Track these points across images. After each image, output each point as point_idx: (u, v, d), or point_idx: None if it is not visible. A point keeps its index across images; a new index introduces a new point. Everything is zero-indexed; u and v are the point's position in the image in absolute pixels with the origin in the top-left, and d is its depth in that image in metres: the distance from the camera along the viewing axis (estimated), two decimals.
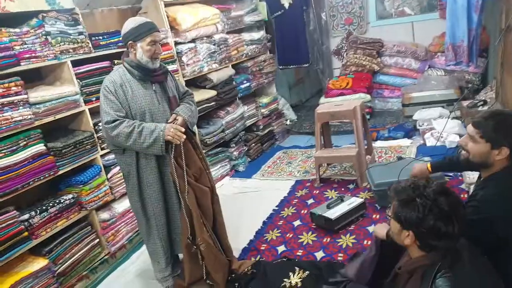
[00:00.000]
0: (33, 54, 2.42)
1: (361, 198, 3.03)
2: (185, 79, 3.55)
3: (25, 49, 2.38)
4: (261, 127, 4.54)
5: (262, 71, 4.56)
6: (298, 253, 2.65)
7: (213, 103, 3.84)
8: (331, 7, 5.19)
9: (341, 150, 3.70)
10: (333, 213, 2.79)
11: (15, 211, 2.34)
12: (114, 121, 2.06)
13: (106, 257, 2.88)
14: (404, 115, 4.71)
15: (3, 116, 2.26)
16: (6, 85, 2.28)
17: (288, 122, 5.13)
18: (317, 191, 3.43)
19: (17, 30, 2.38)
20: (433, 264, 1.29)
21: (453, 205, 1.31)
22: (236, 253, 2.74)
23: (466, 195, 2.82)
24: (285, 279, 2.37)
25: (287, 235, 2.87)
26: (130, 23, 2.12)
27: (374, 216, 2.89)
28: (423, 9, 4.97)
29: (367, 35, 5.20)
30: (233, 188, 3.84)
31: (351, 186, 3.40)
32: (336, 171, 3.77)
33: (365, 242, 2.61)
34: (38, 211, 2.46)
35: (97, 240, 2.82)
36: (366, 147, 3.60)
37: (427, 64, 4.87)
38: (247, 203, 3.49)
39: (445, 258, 1.29)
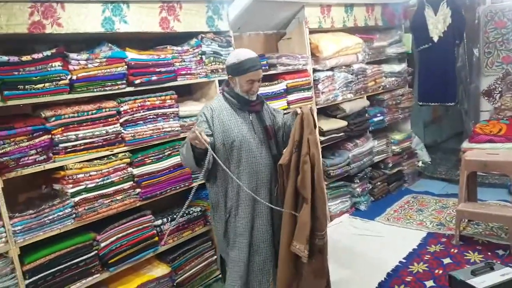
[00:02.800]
0: (189, 71, 2.59)
1: None
2: (318, 107, 3.47)
3: (182, 66, 2.56)
4: (390, 165, 4.19)
5: (398, 106, 4.25)
6: None
7: (342, 133, 3.68)
8: (487, 43, 4.60)
9: (493, 208, 3.15)
10: (481, 283, 2.33)
11: (151, 216, 2.48)
12: None
13: (220, 276, 2.87)
14: None
15: (156, 126, 2.45)
16: (163, 97, 2.47)
17: (420, 164, 4.66)
18: (456, 250, 2.96)
19: (179, 48, 2.57)
20: None
21: None
22: None
23: None
24: None
25: None
26: (233, 58, 2.10)
27: None
28: None
29: None
30: (353, 228, 3.56)
31: (500, 252, 2.85)
32: (480, 230, 3.22)
33: None
34: (169, 218, 2.57)
35: (215, 257, 2.84)
36: None
37: None
38: (367, 248, 3.18)
39: None
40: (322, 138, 3.52)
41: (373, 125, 4.01)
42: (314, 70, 3.45)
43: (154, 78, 2.41)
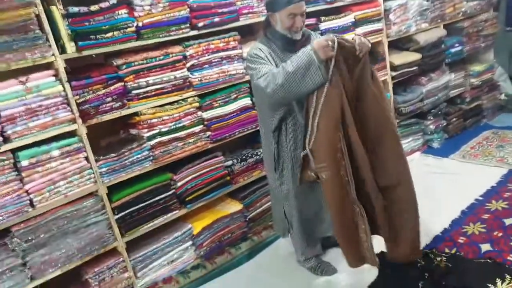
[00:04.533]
0: (251, 10, 2.52)
1: None
2: (389, 39, 3.23)
3: (244, 5, 2.49)
4: (468, 99, 3.88)
5: (480, 33, 3.81)
6: (509, 258, 2.19)
7: (415, 67, 3.44)
8: None
9: None
10: None
11: (222, 157, 2.59)
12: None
13: None
14: None
15: (221, 69, 2.46)
16: (226, 39, 2.45)
17: (503, 97, 4.25)
18: None
19: None
20: None
21: None
22: (427, 239, 2.46)
23: None
24: (489, 284, 2.01)
25: (495, 233, 2.41)
26: None
27: None
28: None
29: None
30: (425, 166, 3.44)
31: None
32: None
33: None
34: (239, 159, 2.66)
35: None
36: None
37: None
38: (441, 186, 3.07)
39: None
40: (394, 74, 3.32)
41: (450, 56, 3.68)
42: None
43: (216, 19, 2.37)
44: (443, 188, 3.03)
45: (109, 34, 2.06)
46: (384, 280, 2.23)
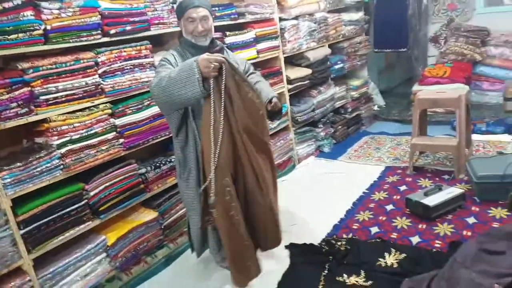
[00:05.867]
0: (161, 20, 2.60)
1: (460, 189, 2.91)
2: (285, 55, 3.61)
3: (155, 15, 2.56)
4: (349, 110, 4.50)
5: (356, 53, 4.48)
6: (392, 236, 2.63)
7: (307, 81, 3.87)
8: None
9: (440, 140, 3.55)
10: (432, 201, 2.72)
11: (135, 164, 2.58)
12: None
13: None
14: (505, 109, 4.38)
15: (133, 76, 2.48)
16: (138, 48, 2.48)
17: (376, 108, 5.01)
18: (410, 179, 3.35)
19: None
20: None
21: None
22: (327, 228, 2.80)
23: None
24: (380, 259, 2.38)
25: (380, 218, 2.86)
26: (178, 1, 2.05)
27: (473, 208, 2.78)
28: None
29: (471, 23, 4.85)
30: (319, 167, 3.87)
31: (446, 177, 3.28)
32: (429, 160, 3.64)
33: (464, 232, 2.53)
34: (152, 166, 2.67)
35: None
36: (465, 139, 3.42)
37: None
38: (335, 183, 3.50)
39: None
40: (290, 86, 3.70)
41: (334, 72, 4.23)
42: (280, 19, 3.55)
43: (128, 28, 2.41)
44: (337, 185, 3.46)
45: (13, 36, 1.94)
46: (295, 267, 2.47)
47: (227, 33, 3.02)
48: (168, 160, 2.77)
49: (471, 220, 2.66)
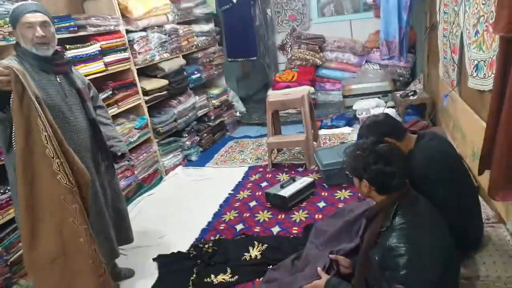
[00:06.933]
0: None
1: (311, 178, 3.26)
2: (137, 67, 3.55)
3: None
4: (212, 117, 4.64)
5: (212, 63, 4.66)
6: (255, 230, 2.80)
7: (165, 92, 3.88)
8: (276, 4, 5.43)
9: (291, 137, 3.92)
10: (287, 192, 2.98)
11: None
12: None
13: None
14: (345, 105, 5.06)
15: None
16: None
17: (238, 114, 5.27)
18: (270, 175, 3.61)
19: None
20: (393, 203, 1.50)
21: (387, 148, 1.54)
22: (195, 234, 2.84)
23: None
24: (245, 253, 2.52)
25: (244, 215, 3.01)
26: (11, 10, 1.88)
27: (323, 193, 3.13)
28: (359, 9, 5.38)
29: (310, 31, 5.50)
30: (187, 176, 3.90)
31: (300, 169, 3.63)
32: (286, 156, 3.99)
33: (316, 216, 2.83)
34: None
35: None
36: (312, 133, 3.84)
37: (364, 59, 5.29)
38: (203, 189, 3.58)
39: (403, 198, 1.51)
40: (147, 98, 3.65)
41: (192, 82, 4.33)
42: (128, 31, 3.48)
43: None
44: (204, 191, 3.54)
45: None
46: (163, 278, 2.44)
47: (67, 46, 2.84)
48: (7, 188, 2.46)
49: (321, 204, 2.99)
